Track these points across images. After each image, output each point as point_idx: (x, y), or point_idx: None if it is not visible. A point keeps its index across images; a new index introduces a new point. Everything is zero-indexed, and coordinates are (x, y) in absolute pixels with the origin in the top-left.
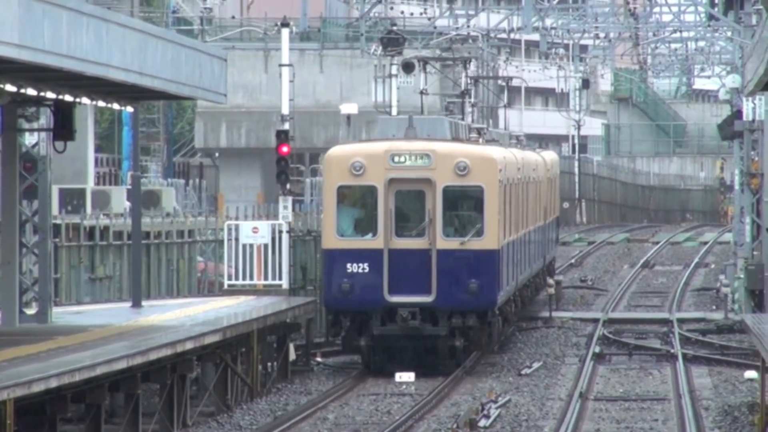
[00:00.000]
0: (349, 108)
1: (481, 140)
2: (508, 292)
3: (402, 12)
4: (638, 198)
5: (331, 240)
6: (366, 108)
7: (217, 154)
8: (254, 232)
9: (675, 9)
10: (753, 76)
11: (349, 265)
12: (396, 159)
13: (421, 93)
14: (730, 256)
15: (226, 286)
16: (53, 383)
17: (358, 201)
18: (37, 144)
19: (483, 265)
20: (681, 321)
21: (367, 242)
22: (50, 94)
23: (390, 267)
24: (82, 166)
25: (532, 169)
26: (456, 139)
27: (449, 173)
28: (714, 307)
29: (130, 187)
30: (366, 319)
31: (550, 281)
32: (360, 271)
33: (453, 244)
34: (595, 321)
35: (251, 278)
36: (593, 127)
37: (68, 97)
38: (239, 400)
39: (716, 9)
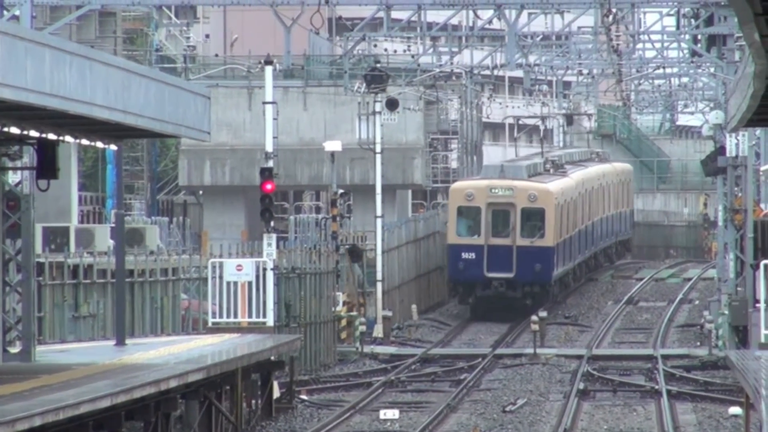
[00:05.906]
0: (333, 145)
1: (552, 170)
2: (559, 272)
3: (385, 49)
4: None
5: (453, 238)
6: (350, 145)
7: (201, 192)
8: (238, 269)
9: (658, 45)
10: (736, 113)
11: (463, 254)
12: (493, 190)
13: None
14: (714, 292)
15: (210, 324)
16: (37, 422)
17: (469, 215)
18: (20, 182)
19: (544, 256)
20: (665, 357)
21: (474, 240)
22: (33, 133)
23: (488, 255)
24: (65, 204)
25: (589, 187)
26: (530, 176)
27: (524, 199)
28: (698, 344)
29: (114, 225)
30: (472, 287)
31: (534, 318)
32: (470, 257)
33: (526, 242)
34: (580, 357)
35: (235, 316)
36: None
37: (52, 136)
38: None
39: (699, 45)
